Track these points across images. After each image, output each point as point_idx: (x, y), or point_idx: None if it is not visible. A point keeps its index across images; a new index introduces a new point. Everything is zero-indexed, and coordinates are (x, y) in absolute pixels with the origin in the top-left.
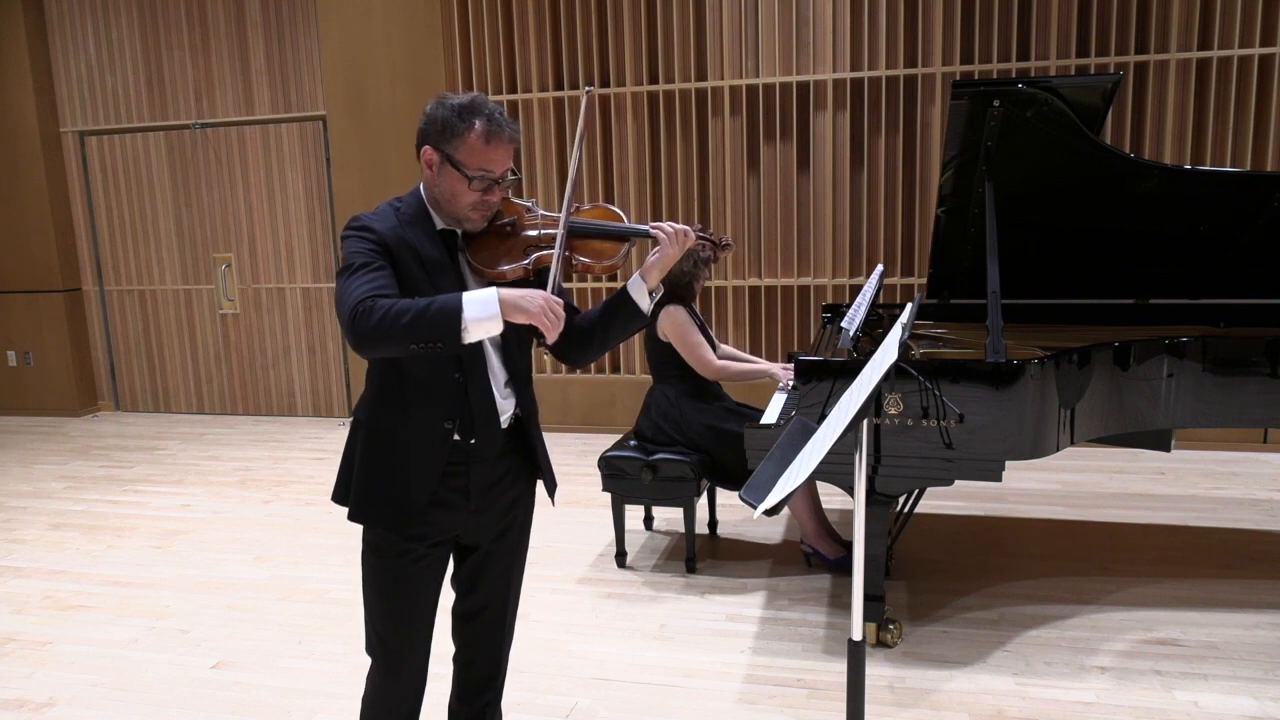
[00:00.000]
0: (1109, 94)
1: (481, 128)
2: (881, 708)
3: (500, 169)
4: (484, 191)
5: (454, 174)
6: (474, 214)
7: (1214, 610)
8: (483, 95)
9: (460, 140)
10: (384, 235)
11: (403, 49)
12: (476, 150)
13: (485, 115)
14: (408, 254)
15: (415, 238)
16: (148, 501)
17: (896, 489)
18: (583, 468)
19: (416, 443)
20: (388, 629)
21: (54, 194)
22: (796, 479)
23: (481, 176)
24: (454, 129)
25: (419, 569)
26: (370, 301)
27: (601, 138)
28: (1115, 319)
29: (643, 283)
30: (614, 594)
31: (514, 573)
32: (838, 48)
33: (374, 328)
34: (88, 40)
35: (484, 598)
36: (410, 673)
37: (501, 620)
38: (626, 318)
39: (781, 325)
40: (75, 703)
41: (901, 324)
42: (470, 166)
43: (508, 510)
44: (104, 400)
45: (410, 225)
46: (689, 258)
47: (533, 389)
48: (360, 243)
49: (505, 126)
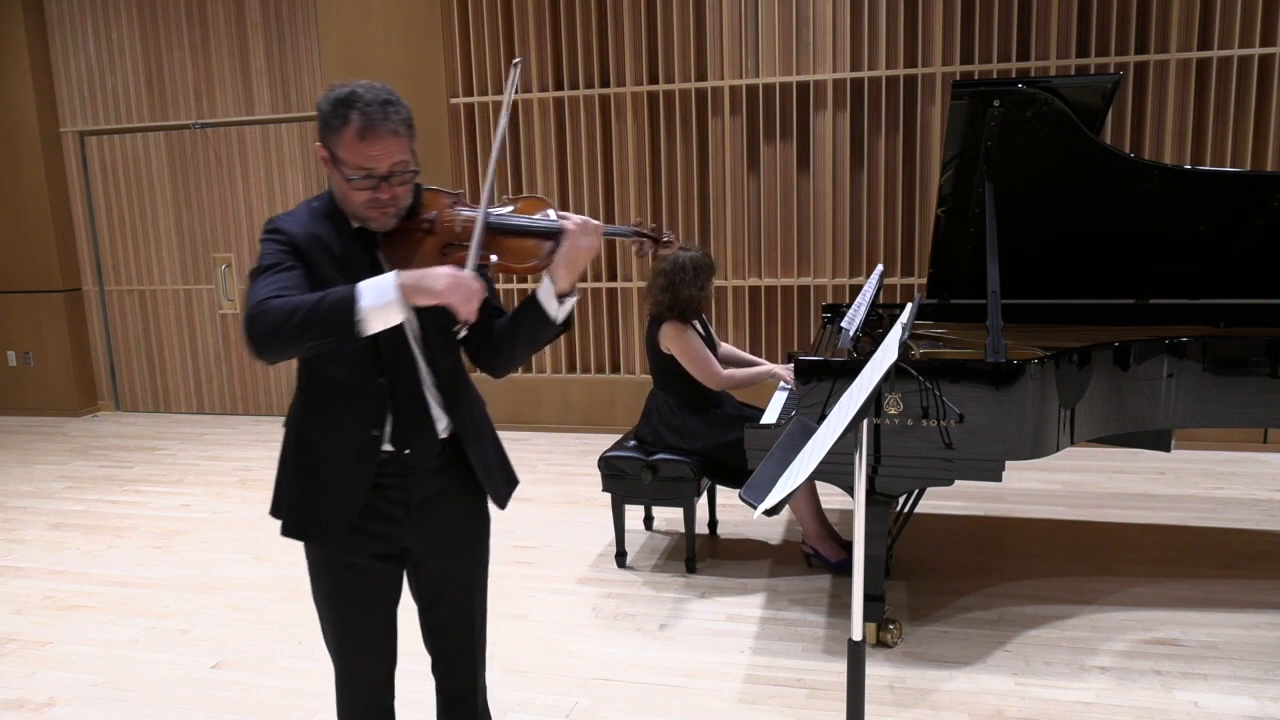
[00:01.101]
0: (1109, 94)
1: (357, 123)
2: (881, 708)
3: (385, 165)
4: (372, 190)
5: (338, 173)
6: (372, 213)
7: (1214, 610)
8: (369, 84)
9: (338, 137)
10: (295, 235)
11: (403, 49)
12: (353, 147)
13: (360, 108)
14: (321, 254)
15: (328, 236)
16: (148, 501)
17: (896, 489)
18: (583, 468)
19: (343, 454)
20: (339, 640)
21: (54, 194)
22: (796, 479)
23: (363, 175)
24: (331, 125)
25: (365, 581)
26: (266, 303)
27: (601, 138)
28: (1115, 319)
29: (552, 285)
30: (614, 594)
31: (475, 586)
32: (838, 48)
33: (267, 328)
34: (88, 40)
35: (448, 614)
36: (370, 680)
37: (470, 635)
38: (535, 324)
39: (781, 325)
40: (75, 703)
41: (901, 324)
42: (349, 165)
43: (455, 523)
44: (104, 400)
45: (324, 223)
46: (696, 280)
47: (470, 394)
48: (270, 245)
49: (387, 119)
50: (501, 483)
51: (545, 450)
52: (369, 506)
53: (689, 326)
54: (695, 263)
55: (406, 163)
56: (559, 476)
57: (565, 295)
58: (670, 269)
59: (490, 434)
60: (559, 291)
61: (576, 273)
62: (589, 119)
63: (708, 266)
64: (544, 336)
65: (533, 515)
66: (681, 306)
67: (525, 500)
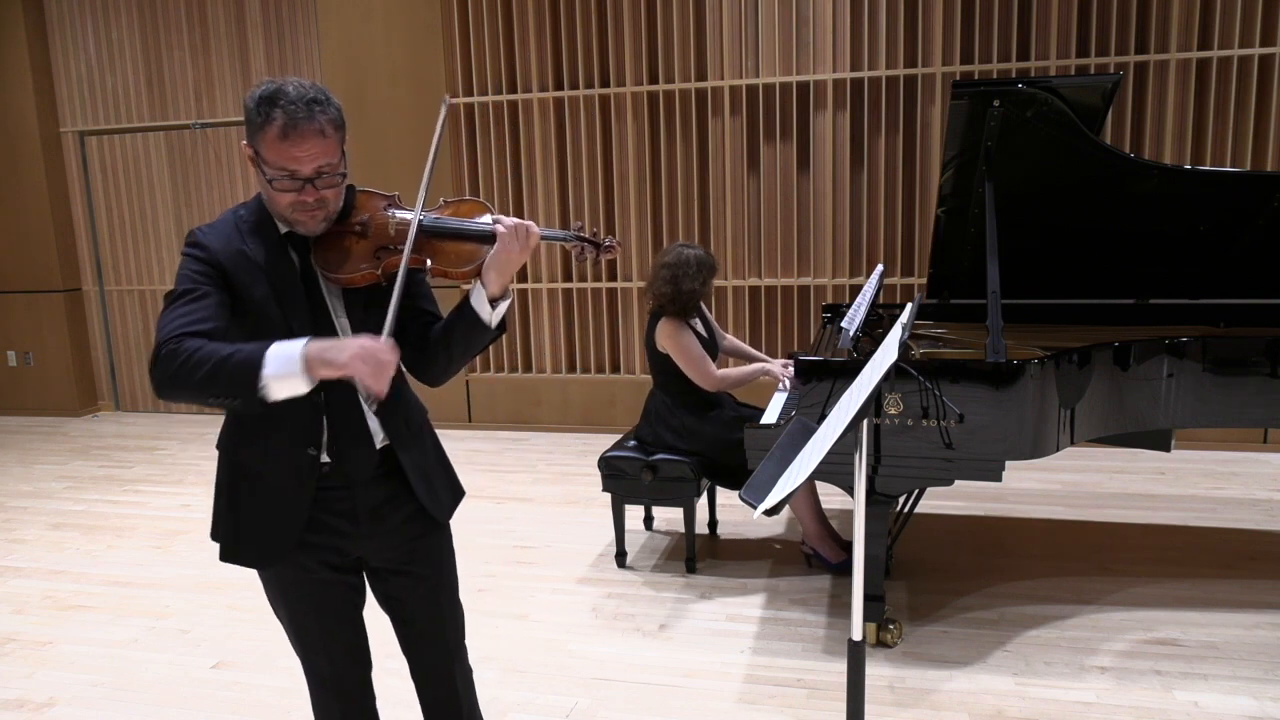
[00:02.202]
0: (1109, 94)
1: (279, 121)
2: (881, 708)
3: (308, 166)
4: (296, 192)
5: (262, 174)
6: (297, 215)
7: (1214, 610)
8: (299, 81)
9: (261, 135)
10: (216, 253)
11: (403, 49)
12: (275, 146)
13: (284, 106)
14: (247, 269)
15: (255, 249)
16: (148, 501)
17: (896, 489)
18: (583, 468)
19: (279, 475)
20: (310, 654)
21: (54, 194)
22: (796, 479)
23: (285, 176)
24: (254, 122)
25: (323, 592)
26: (176, 343)
27: (602, 138)
28: (1115, 319)
29: (483, 289)
30: (614, 594)
31: (441, 591)
32: (838, 48)
33: (172, 375)
34: (88, 40)
35: (419, 626)
36: (347, 685)
37: (443, 644)
38: (468, 330)
39: (781, 325)
40: (75, 703)
41: (901, 324)
42: (270, 165)
43: (409, 529)
44: (104, 400)
45: (251, 234)
46: (699, 275)
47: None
48: (188, 264)
49: (312, 118)
50: (444, 494)
51: (545, 450)
52: (315, 520)
53: (685, 326)
54: (699, 259)
55: (334, 165)
56: (559, 476)
57: (497, 300)
58: (674, 262)
59: (431, 443)
60: (490, 295)
61: (508, 276)
62: (589, 119)
63: (710, 264)
64: (478, 342)
65: (533, 515)
66: (683, 300)
67: (525, 500)
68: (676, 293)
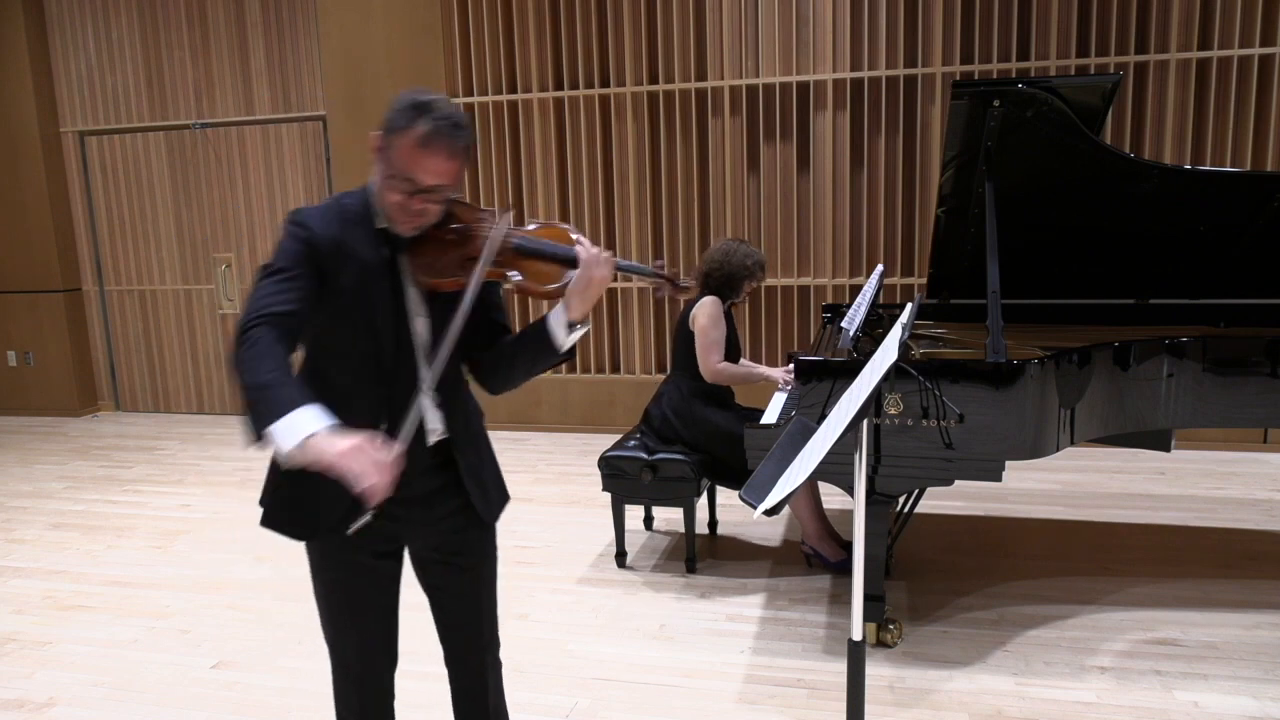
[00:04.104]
0: (1109, 94)
1: (423, 130)
2: (881, 708)
3: (430, 180)
4: (406, 195)
5: (384, 169)
6: (399, 216)
7: (1214, 610)
8: (449, 103)
9: (399, 137)
10: (317, 236)
11: (403, 49)
12: (408, 152)
13: (432, 120)
14: (340, 256)
15: (352, 237)
16: (148, 501)
17: (896, 489)
18: (583, 468)
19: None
20: (339, 638)
21: (54, 194)
22: (796, 479)
23: (403, 180)
24: (397, 123)
25: (365, 581)
26: (258, 331)
27: (601, 138)
28: (1115, 319)
29: (564, 314)
30: (614, 594)
31: (481, 585)
32: (838, 48)
33: (233, 360)
34: (88, 40)
35: (456, 614)
36: (370, 678)
37: (478, 636)
38: (538, 349)
39: (781, 325)
40: (75, 703)
41: (901, 324)
42: (396, 166)
43: (455, 519)
44: (104, 400)
45: (352, 223)
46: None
47: (468, 404)
48: (288, 241)
49: (451, 138)
50: (495, 495)
51: (545, 450)
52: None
53: (722, 310)
54: (754, 252)
55: (449, 187)
56: (559, 476)
57: (575, 324)
58: (729, 248)
59: (486, 447)
60: (570, 319)
61: (589, 303)
62: (589, 119)
63: (762, 262)
64: (545, 363)
65: (533, 515)
66: (731, 274)
67: (525, 500)
68: (725, 266)
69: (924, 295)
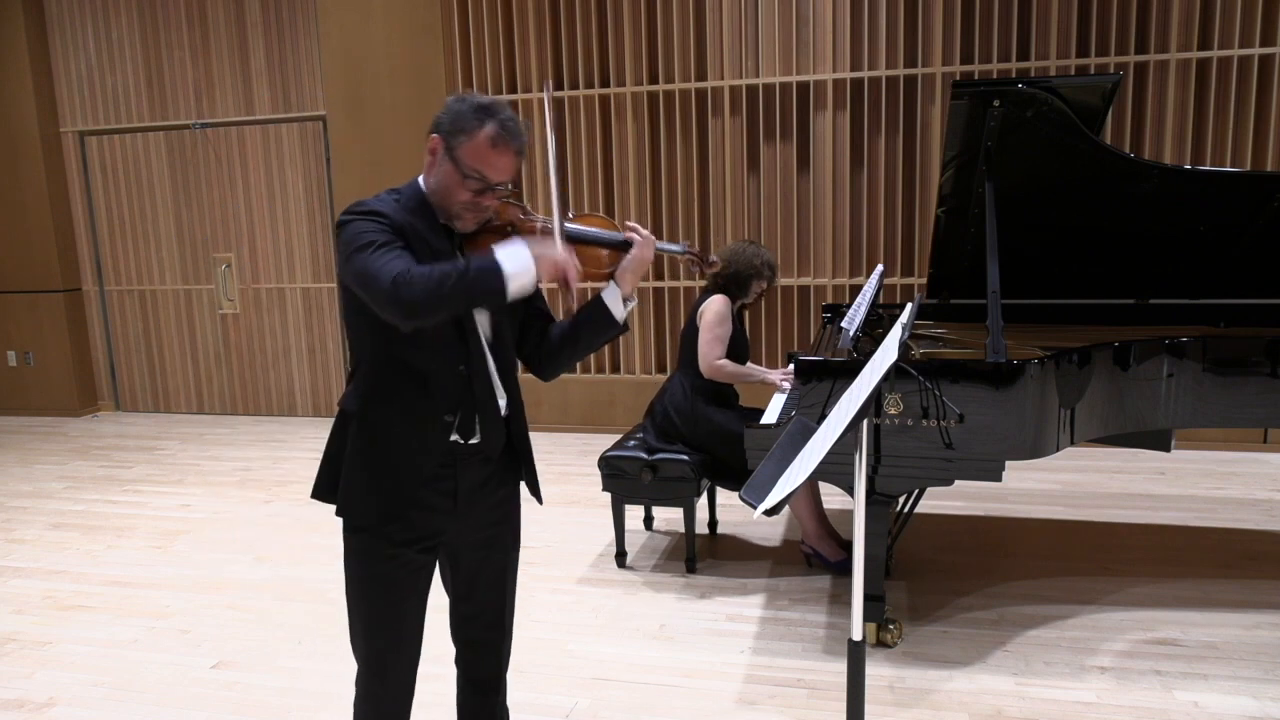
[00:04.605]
0: (1109, 94)
1: (492, 131)
2: (881, 708)
3: (498, 177)
4: (476, 194)
5: (451, 169)
6: (465, 214)
7: (1214, 610)
8: (505, 103)
9: (467, 137)
10: (394, 219)
11: (403, 49)
12: (479, 152)
13: (499, 120)
14: (416, 241)
15: (422, 227)
16: (148, 501)
17: (896, 489)
18: (583, 468)
19: (413, 436)
20: (373, 634)
21: (54, 194)
22: (796, 479)
23: (476, 178)
24: (465, 125)
25: (404, 574)
26: (407, 275)
27: (602, 138)
28: (1115, 319)
29: (618, 289)
30: (614, 594)
31: (508, 574)
32: (838, 48)
33: (423, 294)
34: (88, 40)
35: (481, 602)
36: (398, 676)
37: (501, 623)
38: (599, 325)
39: (781, 325)
40: (75, 703)
41: (901, 324)
42: (468, 165)
43: (494, 511)
44: (104, 400)
45: (413, 215)
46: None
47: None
48: (373, 223)
49: (515, 138)
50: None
51: (545, 450)
52: (418, 499)
53: (730, 309)
54: (764, 255)
55: (510, 183)
56: (559, 476)
57: (627, 299)
58: (739, 247)
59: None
60: (624, 295)
61: (638, 278)
62: (589, 119)
63: (774, 266)
64: (604, 337)
65: (533, 515)
66: (740, 274)
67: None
68: (734, 266)
69: (924, 295)
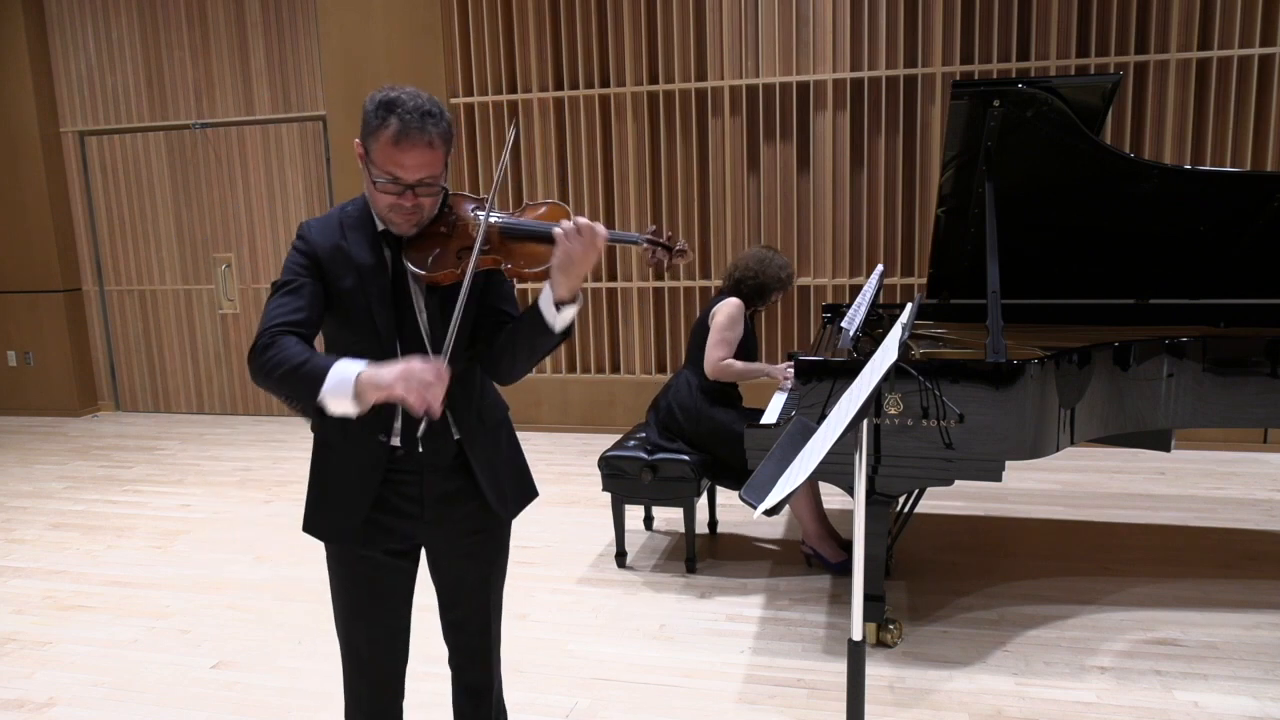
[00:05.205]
0: (1109, 94)
1: (394, 127)
2: (881, 708)
3: (412, 175)
4: (396, 196)
5: (368, 173)
6: (393, 217)
7: (1214, 610)
8: (414, 92)
9: (374, 138)
10: (316, 245)
11: (403, 49)
12: (386, 151)
13: (400, 114)
14: (340, 262)
15: (353, 243)
16: (148, 501)
17: (896, 489)
18: (583, 468)
19: (355, 454)
20: (354, 636)
21: (54, 194)
22: (796, 479)
23: (389, 180)
24: (371, 125)
25: (380, 577)
26: (270, 337)
27: (601, 138)
28: (1115, 319)
29: (550, 293)
30: (614, 594)
31: (491, 586)
32: (838, 48)
33: (259, 367)
34: (88, 40)
35: (466, 610)
36: (382, 675)
37: (485, 631)
38: (533, 332)
39: (781, 325)
40: (75, 703)
41: (901, 324)
42: (378, 168)
43: (470, 522)
44: (104, 400)
45: (352, 229)
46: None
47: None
48: (293, 255)
49: (424, 130)
50: (512, 492)
51: (545, 450)
52: (383, 501)
53: (744, 313)
54: (787, 266)
55: (436, 177)
56: (559, 476)
57: (564, 303)
58: (765, 256)
59: (507, 441)
60: (556, 299)
61: (575, 279)
62: (589, 119)
63: (792, 275)
64: (543, 345)
65: (533, 515)
66: (762, 284)
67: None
68: (760, 277)
69: (924, 295)
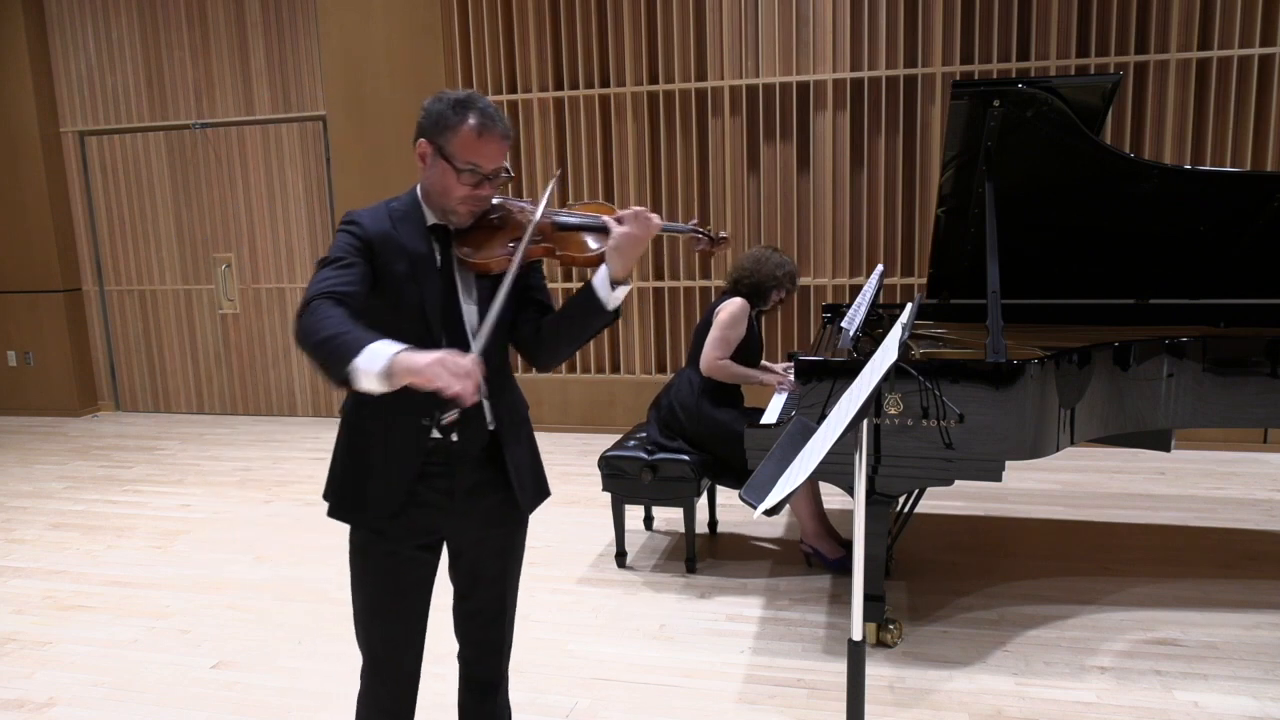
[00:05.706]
0: (1109, 94)
1: (475, 122)
2: (881, 708)
3: (490, 165)
4: (474, 186)
5: (445, 166)
6: (462, 208)
7: (1214, 610)
8: (479, 93)
9: (453, 133)
10: (369, 231)
11: (403, 49)
12: (468, 144)
13: (479, 110)
14: (392, 250)
15: (404, 234)
16: (148, 501)
17: (896, 489)
18: (583, 468)
19: (393, 440)
20: (375, 630)
21: (54, 194)
22: (796, 479)
23: (471, 170)
24: (447, 122)
25: (405, 570)
26: (319, 301)
27: (601, 138)
28: (1115, 319)
29: (604, 273)
30: (614, 594)
31: (509, 578)
32: (838, 48)
33: (302, 328)
34: (88, 40)
35: (481, 601)
36: (401, 672)
37: (500, 622)
38: (587, 312)
39: (781, 325)
40: (75, 703)
41: (901, 324)
42: (460, 160)
43: (494, 514)
44: (104, 400)
45: (401, 222)
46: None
47: (513, 393)
48: (343, 236)
49: (498, 123)
50: (531, 488)
51: (545, 450)
52: (414, 494)
53: (747, 313)
54: (786, 265)
55: (506, 169)
56: (559, 476)
57: (618, 283)
58: (762, 255)
59: (528, 439)
60: (613, 278)
61: (630, 259)
62: (589, 119)
63: (793, 275)
64: (595, 325)
65: (533, 515)
66: (759, 285)
67: None
68: (755, 276)
69: (924, 295)
